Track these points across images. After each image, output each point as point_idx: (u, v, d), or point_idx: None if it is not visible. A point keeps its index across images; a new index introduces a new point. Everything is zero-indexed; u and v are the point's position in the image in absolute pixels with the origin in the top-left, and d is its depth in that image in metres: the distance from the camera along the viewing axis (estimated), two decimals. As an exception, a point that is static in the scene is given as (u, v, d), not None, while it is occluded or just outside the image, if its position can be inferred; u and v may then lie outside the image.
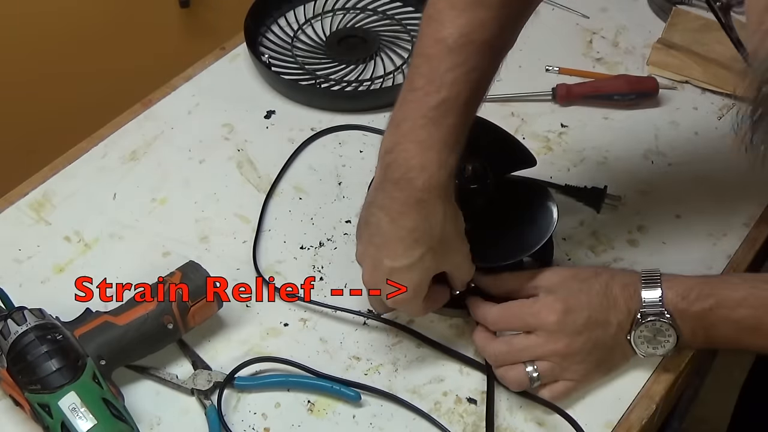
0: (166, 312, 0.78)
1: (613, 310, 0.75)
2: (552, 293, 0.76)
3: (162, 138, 1.01)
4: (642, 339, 0.75)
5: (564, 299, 0.75)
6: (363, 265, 0.75)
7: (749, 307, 0.73)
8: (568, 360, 0.75)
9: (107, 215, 0.93)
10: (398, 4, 1.16)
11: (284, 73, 1.07)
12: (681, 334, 0.75)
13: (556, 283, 0.77)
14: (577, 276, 0.78)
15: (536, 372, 0.75)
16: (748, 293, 0.73)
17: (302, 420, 0.77)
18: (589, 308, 0.75)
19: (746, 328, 0.73)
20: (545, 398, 0.76)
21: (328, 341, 0.83)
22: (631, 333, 0.75)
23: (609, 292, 0.75)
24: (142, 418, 0.76)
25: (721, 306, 0.73)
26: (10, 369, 0.72)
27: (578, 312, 0.74)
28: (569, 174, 0.96)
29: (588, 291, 0.75)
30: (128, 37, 1.52)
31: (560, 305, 0.75)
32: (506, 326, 0.78)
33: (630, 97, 1.03)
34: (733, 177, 0.95)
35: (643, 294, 0.75)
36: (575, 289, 0.76)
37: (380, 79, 1.07)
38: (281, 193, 0.96)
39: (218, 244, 0.91)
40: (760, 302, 0.73)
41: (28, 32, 1.42)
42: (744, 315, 0.73)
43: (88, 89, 1.48)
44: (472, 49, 0.69)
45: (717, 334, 0.75)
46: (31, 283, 0.87)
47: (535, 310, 0.76)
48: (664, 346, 0.75)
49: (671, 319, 0.74)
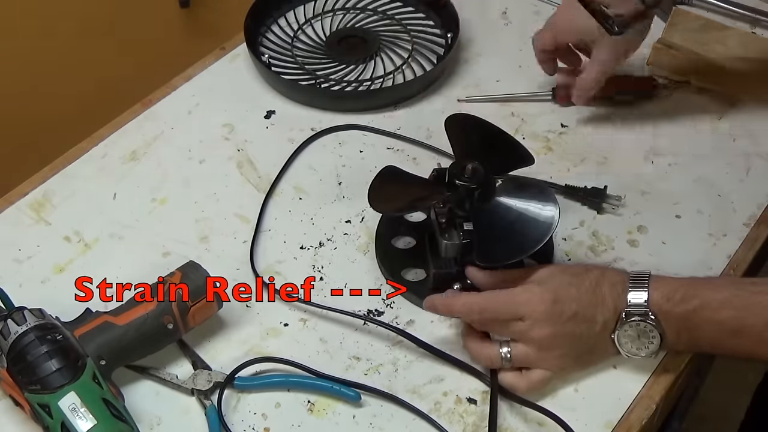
0: (166, 312, 0.78)
1: (600, 308, 0.75)
2: (541, 284, 0.76)
3: (162, 138, 1.01)
4: (626, 339, 0.75)
5: (553, 290, 0.75)
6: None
7: (732, 309, 0.72)
8: (545, 350, 0.75)
9: (107, 215, 0.93)
10: (398, 4, 1.16)
11: (284, 73, 1.07)
12: (665, 336, 0.74)
13: (546, 275, 0.77)
14: (568, 270, 0.78)
15: (509, 354, 0.76)
16: (732, 294, 0.73)
17: (302, 420, 0.77)
18: (577, 302, 0.75)
19: (728, 330, 0.73)
20: (522, 389, 0.77)
21: (328, 341, 0.83)
22: (615, 332, 0.75)
23: (598, 289, 0.75)
24: (142, 418, 0.76)
25: (704, 307, 0.73)
26: (10, 369, 0.72)
27: (566, 303, 0.75)
28: (569, 174, 0.96)
29: (578, 286, 0.76)
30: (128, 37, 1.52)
31: (549, 295, 0.75)
32: (494, 315, 0.77)
33: (630, 96, 1.03)
34: (733, 177, 0.95)
35: (629, 295, 0.74)
36: (566, 282, 0.76)
37: (380, 79, 1.07)
38: (281, 193, 0.96)
39: (218, 244, 0.91)
40: (742, 304, 0.72)
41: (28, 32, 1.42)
42: (727, 317, 0.73)
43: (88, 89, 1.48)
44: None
45: (700, 335, 0.74)
46: (31, 283, 0.87)
47: (524, 299, 0.75)
48: (648, 347, 0.75)
49: (655, 320, 0.74)
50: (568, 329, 0.75)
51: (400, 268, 0.87)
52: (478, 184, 0.80)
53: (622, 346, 0.76)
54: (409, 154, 0.99)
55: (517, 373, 0.77)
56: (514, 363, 0.77)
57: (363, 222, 0.92)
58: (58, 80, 1.47)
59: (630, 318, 0.74)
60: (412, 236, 0.90)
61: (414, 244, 0.89)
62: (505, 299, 0.77)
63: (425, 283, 0.86)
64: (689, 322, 0.74)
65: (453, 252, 0.82)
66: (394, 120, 1.03)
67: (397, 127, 1.01)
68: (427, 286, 0.85)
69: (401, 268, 0.87)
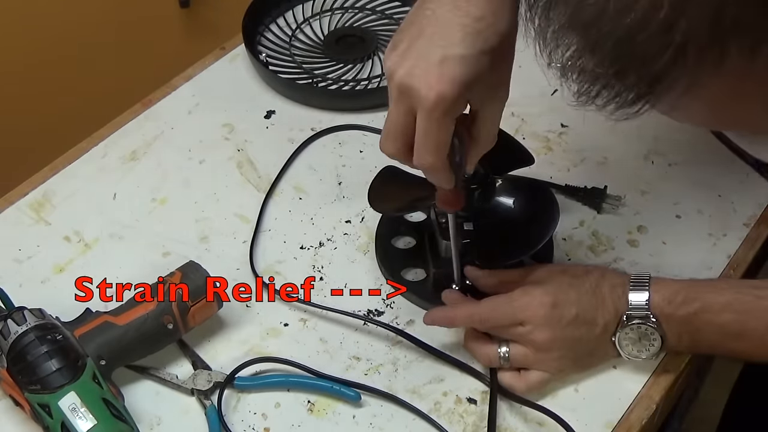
0: (166, 312, 0.78)
1: (600, 310, 0.75)
2: (540, 286, 0.76)
3: (162, 138, 1.01)
4: (627, 341, 0.75)
5: (553, 293, 0.75)
6: (403, 62, 0.64)
7: (733, 312, 0.72)
8: (544, 352, 0.75)
9: (107, 215, 0.93)
10: (396, 4, 1.16)
11: (282, 72, 1.07)
12: (666, 338, 0.74)
13: (545, 277, 0.77)
14: (568, 272, 0.78)
15: (507, 354, 0.76)
16: (733, 298, 0.73)
17: (302, 420, 0.77)
18: (577, 305, 0.74)
19: (730, 333, 0.73)
20: (520, 389, 0.77)
21: (328, 341, 0.83)
22: (616, 334, 0.75)
23: (598, 291, 0.75)
24: (142, 418, 0.76)
25: (705, 310, 0.73)
26: (10, 369, 0.72)
27: (566, 307, 0.74)
28: (569, 174, 0.96)
29: (578, 287, 0.75)
30: (128, 37, 1.52)
31: (549, 299, 0.74)
32: (495, 324, 0.77)
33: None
34: (733, 177, 0.95)
35: (630, 297, 0.74)
36: (565, 284, 0.76)
37: (378, 78, 1.07)
38: (281, 193, 0.96)
39: (218, 244, 0.91)
40: (744, 307, 0.72)
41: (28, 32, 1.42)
42: (728, 320, 0.72)
43: (88, 89, 1.48)
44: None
45: (702, 338, 0.74)
46: (31, 283, 0.87)
47: (523, 304, 0.75)
48: (649, 349, 0.75)
49: (656, 323, 0.73)
50: (567, 333, 0.74)
51: (400, 267, 0.87)
52: (478, 184, 0.80)
53: (623, 349, 0.75)
54: (409, 154, 0.99)
55: (515, 374, 0.77)
56: (513, 363, 0.77)
57: (363, 222, 0.92)
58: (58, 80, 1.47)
59: (631, 321, 0.74)
60: (412, 236, 0.90)
61: (414, 244, 0.89)
62: (504, 308, 0.76)
63: (425, 283, 0.86)
64: (690, 325, 0.73)
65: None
66: (394, 120, 1.03)
67: (397, 127, 1.01)
68: (427, 286, 0.85)
69: (401, 268, 0.87)
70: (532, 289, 0.76)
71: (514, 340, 0.76)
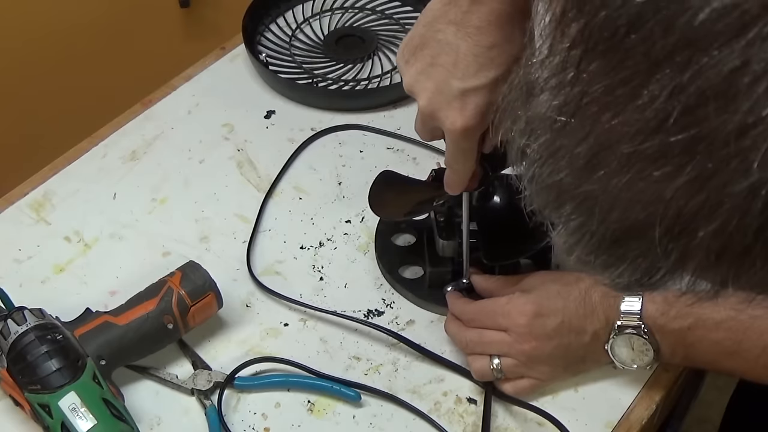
0: (166, 312, 0.78)
1: (589, 318, 0.73)
2: (526, 294, 0.75)
3: (162, 138, 1.01)
4: (619, 350, 0.74)
5: (537, 302, 0.74)
6: (420, 89, 0.67)
7: (728, 330, 0.70)
8: (534, 360, 0.75)
9: (107, 215, 0.93)
10: (396, 4, 1.16)
11: (282, 72, 1.07)
12: (660, 350, 0.73)
13: (536, 284, 0.77)
14: (559, 280, 0.77)
15: (500, 366, 0.76)
16: (729, 316, 0.70)
17: (302, 420, 0.77)
18: (563, 313, 0.73)
19: (724, 351, 0.71)
20: (509, 393, 0.77)
21: (328, 341, 0.83)
22: (608, 343, 0.74)
23: (588, 299, 0.74)
24: (142, 418, 0.76)
25: (699, 326, 0.71)
26: (10, 369, 0.72)
27: (550, 317, 0.74)
28: (569, 174, 0.96)
29: (566, 296, 0.74)
30: (128, 37, 1.52)
31: (531, 308, 0.74)
32: (479, 324, 0.77)
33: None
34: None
35: (622, 306, 0.72)
36: (553, 292, 0.75)
37: (378, 78, 1.07)
38: (281, 193, 0.96)
39: (218, 244, 0.91)
40: (739, 326, 0.70)
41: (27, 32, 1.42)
42: (722, 337, 0.71)
43: (88, 89, 1.48)
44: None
45: (696, 353, 0.73)
46: (31, 283, 0.87)
47: (506, 310, 0.75)
48: (642, 359, 0.74)
49: (648, 334, 0.72)
50: (554, 342, 0.74)
51: (398, 265, 0.87)
52: (478, 184, 0.80)
53: (616, 357, 0.74)
54: (409, 154, 0.99)
55: (505, 380, 0.77)
56: (507, 375, 0.76)
57: (363, 222, 0.92)
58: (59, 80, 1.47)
59: (623, 330, 0.73)
60: (412, 234, 0.90)
61: (414, 241, 0.89)
62: (489, 310, 0.77)
63: (422, 281, 0.86)
64: (685, 340, 0.72)
65: (450, 251, 0.82)
66: (394, 120, 1.03)
67: (397, 127, 1.01)
68: (423, 285, 0.85)
69: (399, 266, 0.87)
70: (517, 297, 0.76)
71: (503, 354, 0.76)
